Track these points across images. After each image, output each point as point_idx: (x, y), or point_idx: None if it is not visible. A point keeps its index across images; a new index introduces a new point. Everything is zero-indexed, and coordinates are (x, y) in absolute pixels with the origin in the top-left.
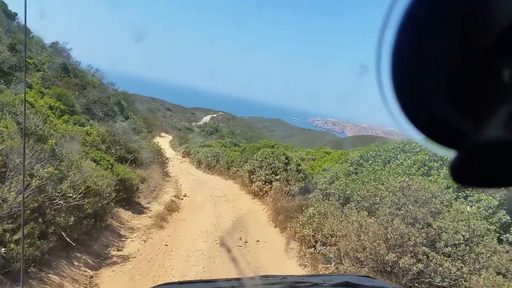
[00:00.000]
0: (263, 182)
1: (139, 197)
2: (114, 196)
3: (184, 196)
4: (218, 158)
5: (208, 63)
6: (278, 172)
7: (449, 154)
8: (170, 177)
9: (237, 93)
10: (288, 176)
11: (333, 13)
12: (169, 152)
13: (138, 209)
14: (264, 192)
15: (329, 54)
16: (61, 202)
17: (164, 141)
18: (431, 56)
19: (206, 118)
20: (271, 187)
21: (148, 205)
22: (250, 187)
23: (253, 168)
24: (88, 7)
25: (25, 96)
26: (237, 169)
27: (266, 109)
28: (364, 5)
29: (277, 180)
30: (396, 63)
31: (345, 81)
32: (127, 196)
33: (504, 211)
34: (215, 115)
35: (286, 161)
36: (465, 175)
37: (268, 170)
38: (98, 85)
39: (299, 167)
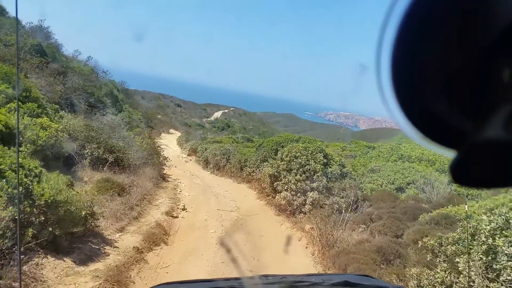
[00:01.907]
0: (294, 193)
1: (98, 226)
2: (32, 236)
3: (182, 210)
4: (229, 156)
5: (218, 60)
6: (315, 177)
7: (449, 154)
8: (168, 181)
9: (248, 89)
10: (329, 183)
11: (334, 8)
12: (175, 149)
13: (90, 250)
14: (295, 207)
15: (336, 48)
16: None
17: (172, 138)
18: (431, 56)
19: (218, 114)
20: (305, 200)
21: (118, 234)
22: (273, 197)
23: (277, 172)
24: (92, 5)
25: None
26: (252, 170)
27: (278, 104)
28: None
29: (313, 189)
30: (396, 62)
31: (351, 76)
32: (64, 232)
33: None
34: (226, 111)
35: (325, 160)
36: (465, 175)
37: (300, 175)
38: (87, 73)
39: (344, 170)
